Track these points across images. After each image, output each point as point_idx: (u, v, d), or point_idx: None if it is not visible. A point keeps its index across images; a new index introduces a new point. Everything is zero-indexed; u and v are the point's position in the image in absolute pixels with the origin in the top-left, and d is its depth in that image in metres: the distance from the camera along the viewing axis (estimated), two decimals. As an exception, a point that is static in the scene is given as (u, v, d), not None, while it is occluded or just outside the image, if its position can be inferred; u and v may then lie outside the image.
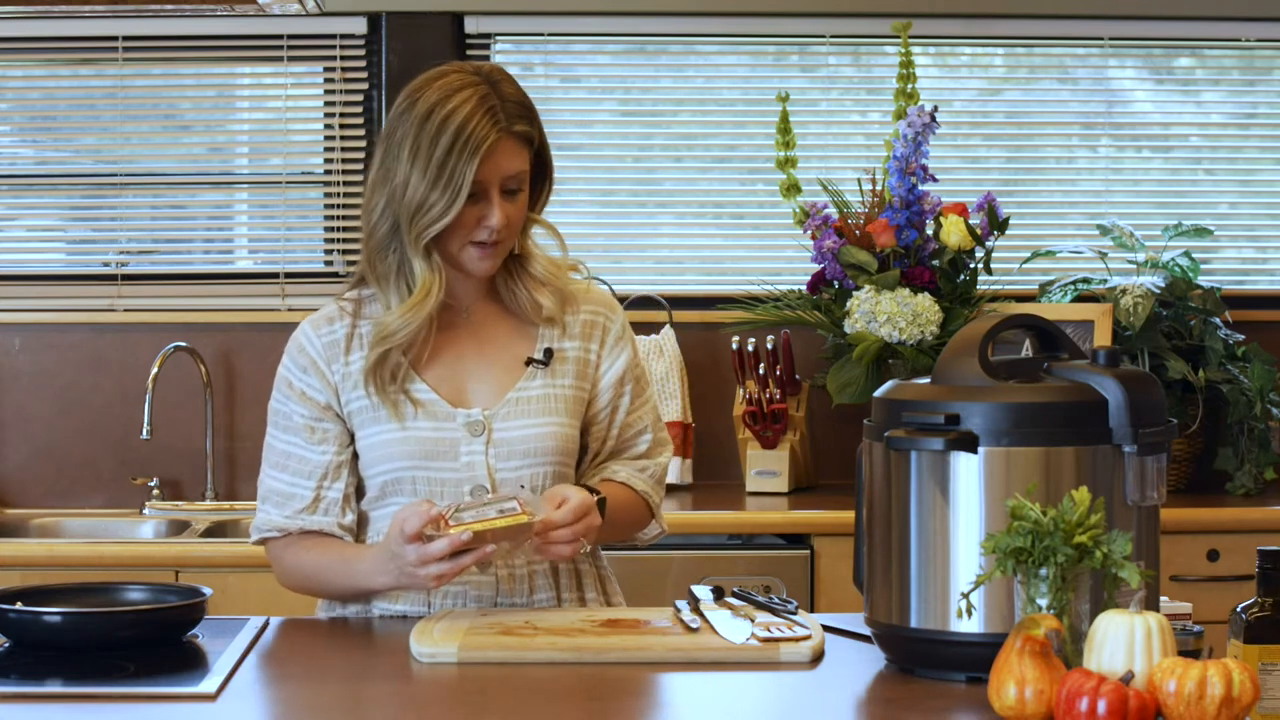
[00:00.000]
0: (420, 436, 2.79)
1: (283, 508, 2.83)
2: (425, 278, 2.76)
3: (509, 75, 2.81)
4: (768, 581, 4.18)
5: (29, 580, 3.91)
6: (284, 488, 2.83)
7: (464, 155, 2.70)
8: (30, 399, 4.81)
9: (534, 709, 2.33)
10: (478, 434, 2.80)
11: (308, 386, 2.83)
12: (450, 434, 2.79)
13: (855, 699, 2.39)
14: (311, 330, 2.85)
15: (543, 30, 4.92)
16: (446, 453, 2.79)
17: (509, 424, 2.81)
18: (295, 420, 2.83)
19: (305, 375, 2.83)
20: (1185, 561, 4.28)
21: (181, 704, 2.33)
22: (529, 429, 2.81)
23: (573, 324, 2.88)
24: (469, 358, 2.85)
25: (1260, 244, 5.10)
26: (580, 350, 2.88)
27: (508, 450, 2.80)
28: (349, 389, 2.81)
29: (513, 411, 2.81)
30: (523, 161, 2.77)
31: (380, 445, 2.80)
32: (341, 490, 2.83)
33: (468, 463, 2.79)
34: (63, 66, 4.93)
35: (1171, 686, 2.06)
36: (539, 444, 2.81)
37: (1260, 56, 5.04)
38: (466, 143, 2.70)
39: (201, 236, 5.02)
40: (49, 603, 2.66)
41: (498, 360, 2.85)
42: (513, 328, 2.87)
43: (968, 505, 2.39)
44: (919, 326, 4.42)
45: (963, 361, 2.44)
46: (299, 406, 2.83)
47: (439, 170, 2.70)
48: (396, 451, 2.79)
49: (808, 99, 4.94)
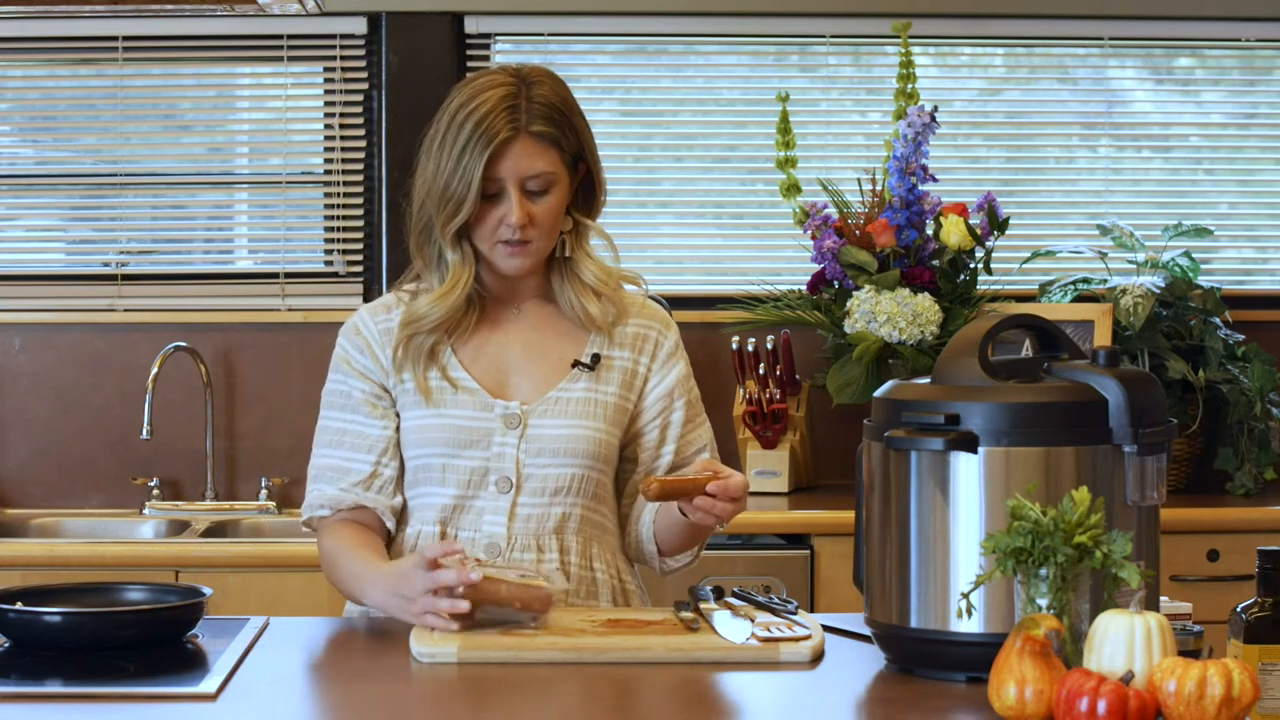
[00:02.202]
0: (457, 424, 2.81)
1: (338, 482, 2.85)
2: (455, 268, 2.83)
3: (553, 78, 2.84)
4: (768, 581, 4.18)
5: (29, 580, 3.91)
6: (340, 463, 2.85)
7: (476, 150, 2.75)
8: (30, 399, 4.81)
9: (534, 709, 2.33)
10: (513, 426, 2.82)
11: (365, 368, 2.87)
12: (486, 423, 2.82)
13: (855, 699, 2.39)
14: (369, 316, 2.90)
15: (543, 30, 4.92)
16: (480, 441, 2.81)
17: (545, 421, 2.83)
18: (355, 396, 2.86)
19: (362, 356, 2.87)
20: (1185, 561, 4.28)
21: (181, 704, 2.33)
22: (564, 429, 2.83)
23: (623, 334, 2.90)
24: (515, 353, 2.87)
25: (1260, 244, 5.10)
26: (629, 361, 2.90)
27: (539, 447, 2.82)
28: (396, 374, 2.86)
29: (551, 410, 2.84)
30: (546, 163, 2.79)
31: (417, 430, 2.83)
32: (396, 470, 2.86)
33: (498, 453, 2.81)
34: (63, 66, 4.93)
35: (1171, 686, 2.06)
36: (571, 445, 2.83)
37: (1260, 56, 5.04)
38: (480, 138, 2.75)
39: (201, 236, 5.02)
40: (49, 603, 2.66)
41: (544, 359, 2.87)
42: (564, 330, 2.90)
43: (968, 505, 2.39)
44: (919, 326, 4.42)
45: (963, 361, 2.44)
46: (358, 383, 2.86)
47: (455, 164, 2.76)
48: (432, 437, 2.82)
49: (808, 99, 4.94)
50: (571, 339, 2.89)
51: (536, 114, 2.78)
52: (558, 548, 2.83)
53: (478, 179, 2.74)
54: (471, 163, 2.75)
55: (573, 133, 2.82)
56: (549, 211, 2.81)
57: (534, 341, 2.88)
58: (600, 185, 2.89)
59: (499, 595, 2.57)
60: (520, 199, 2.78)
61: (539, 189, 2.79)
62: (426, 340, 2.84)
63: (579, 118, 2.84)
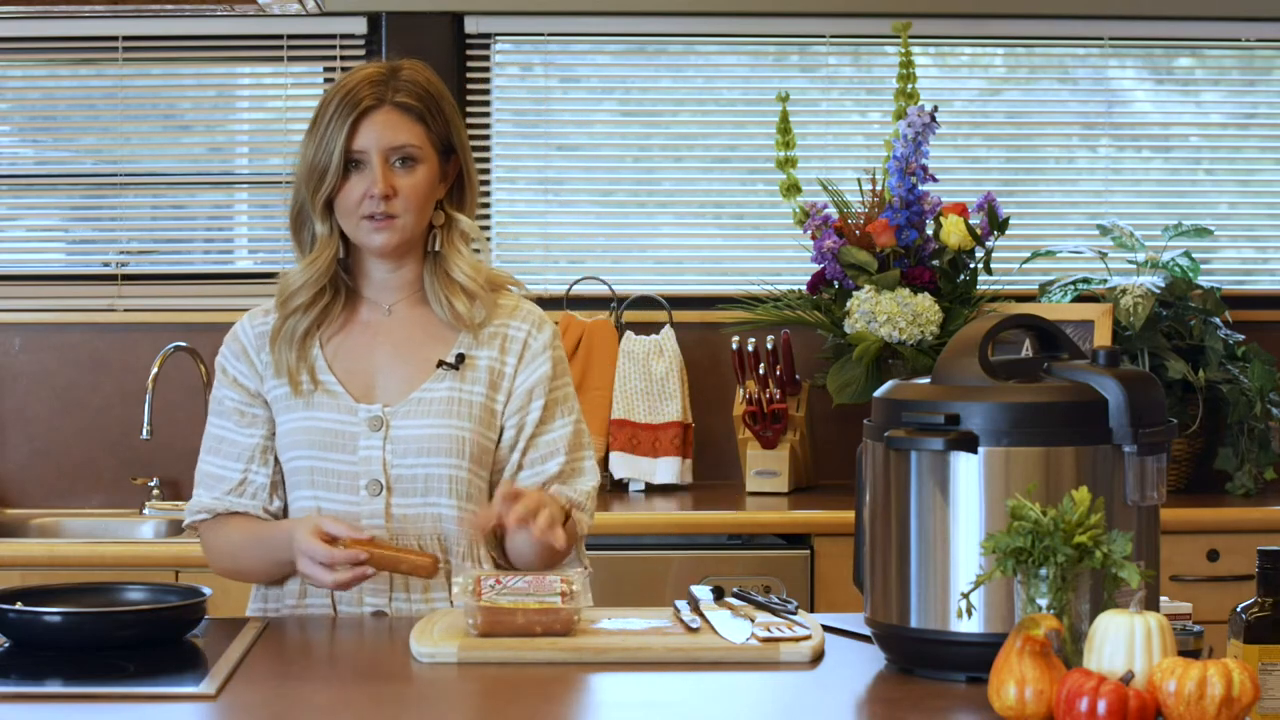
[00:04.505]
0: (322, 427, 2.85)
1: (212, 490, 2.90)
2: (323, 237, 2.86)
3: (425, 68, 2.90)
4: (768, 581, 4.18)
5: (29, 580, 3.91)
6: (214, 470, 2.91)
7: (339, 118, 2.80)
8: (30, 399, 4.81)
9: (534, 709, 2.33)
10: (377, 429, 2.84)
11: (239, 373, 2.91)
12: (350, 427, 2.84)
13: (855, 699, 2.39)
14: (248, 321, 2.94)
15: (543, 30, 4.92)
16: (345, 445, 2.84)
17: (408, 422, 2.84)
18: (226, 405, 2.91)
19: (237, 362, 2.92)
20: (1185, 561, 4.28)
21: (181, 704, 2.33)
22: (427, 428, 2.84)
23: (490, 334, 2.89)
24: (382, 355, 2.89)
25: (1260, 244, 5.10)
26: (494, 360, 2.89)
27: (404, 447, 2.83)
28: (270, 377, 2.89)
29: (414, 410, 2.85)
30: (411, 135, 2.83)
31: (289, 433, 2.87)
32: (268, 476, 2.90)
33: (365, 456, 2.83)
34: (63, 66, 4.93)
35: (1171, 686, 2.06)
36: (435, 444, 2.83)
37: (1260, 56, 5.04)
38: (343, 107, 2.81)
39: (201, 236, 5.02)
40: (49, 603, 2.66)
41: (410, 360, 2.88)
42: (433, 332, 2.90)
43: (968, 505, 2.39)
44: (919, 326, 4.42)
45: (963, 361, 2.44)
46: (230, 392, 2.91)
47: (322, 134, 2.81)
48: (301, 440, 2.85)
49: (808, 99, 4.94)
50: (441, 340, 2.89)
51: (402, 89, 2.84)
52: (439, 549, 2.84)
53: (340, 146, 2.79)
54: (334, 132, 2.80)
55: (441, 116, 2.86)
56: (414, 186, 2.83)
57: (402, 342, 2.89)
58: (472, 182, 2.92)
59: (515, 624, 2.56)
60: (385, 170, 2.81)
61: (405, 160, 2.82)
62: (300, 323, 2.85)
63: (449, 106, 2.88)
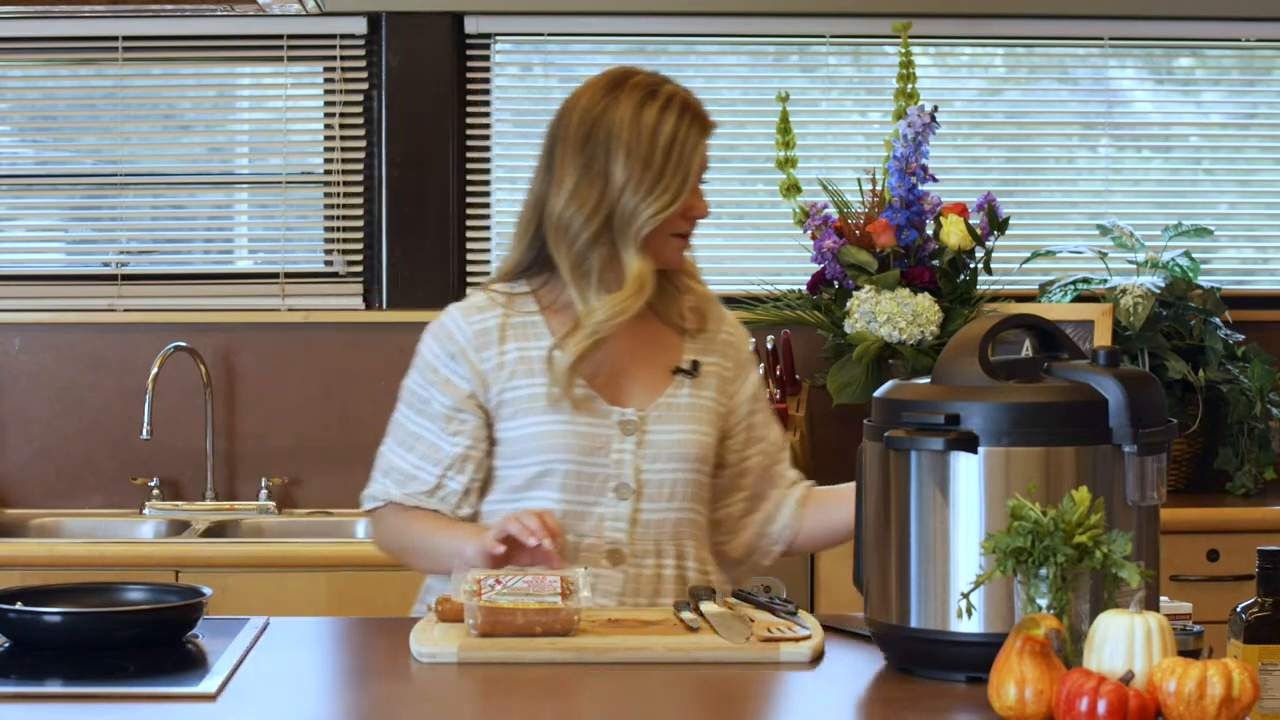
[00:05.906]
0: (579, 430, 2.81)
1: (403, 486, 2.86)
2: (640, 271, 2.81)
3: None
4: (768, 581, 4.18)
5: (29, 580, 3.91)
6: (408, 468, 2.86)
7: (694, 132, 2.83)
8: (30, 399, 4.81)
9: (534, 709, 2.33)
10: (630, 433, 2.83)
11: (454, 374, 2.84)
12: (604, 430, 2.83)
13: (855, 699, 2.39)
14: (462, 317, 2.86)
15: (543, 30, 4.92)
16: (600, 449, 2.82)
17: (660, 427, 2.85)
18: (433, 407, 2.85)
19: (453, 363, 2.85)
20: (1185, 561, 4.28)
21: (181, 704, 2.33)
22: (677, 434, 2.86)
23: (713, 339, 2.94)
24: (623, 359, 2.88)
25: (1260, 244, 5.10)
26: (720, 366, 2.94)
27: (655, 452, 2.84)
28: (503, 379, 2.83)
29: (664, 415, 2.86)
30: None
31: (537, 436, 2.82)
32: (464, 484, 2.85)
33: (617, 460, 2.83)
34: (63, 66, 4.93)
35: (1171, 686, 2.06)
36: (685, 449, 2.86)
37: (1260, 56, 5.04)
38: (695, 121, 2.84)
39: (201, 236, 5.02)
40: (49, 603, 2.66)
41: (649, 364, 2.89)
42: (661, 334, 2.92)
43: (968, 505, 2.39)
44: (919, 326, 4.42)
45: (963, 361, 2.44)
46: (440, 394, 2.85)
47: (667, 151, 2.79)
48: (557, 444, 2.81)
49: (808, 99, 4.94)
50: (667, 344, 2.91)
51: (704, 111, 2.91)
52: (674, 553, 2.86)
53: (694, 175, 2.82)
54: (690, 149, 2.81)
55: None
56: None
57: (636, 348, 2.89)
58: None
59: (515, 624, 2.56)
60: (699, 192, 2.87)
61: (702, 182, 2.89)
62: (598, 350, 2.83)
63: None
